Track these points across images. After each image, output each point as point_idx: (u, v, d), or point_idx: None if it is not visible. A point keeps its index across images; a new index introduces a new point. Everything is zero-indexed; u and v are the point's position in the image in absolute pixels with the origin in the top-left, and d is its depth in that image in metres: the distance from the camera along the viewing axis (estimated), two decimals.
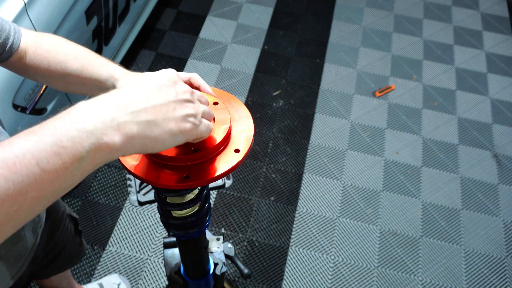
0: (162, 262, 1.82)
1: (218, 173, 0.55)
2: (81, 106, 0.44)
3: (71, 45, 0.74)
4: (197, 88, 0.66)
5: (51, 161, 0.39)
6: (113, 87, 0.67)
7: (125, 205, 1.97)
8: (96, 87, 0.70)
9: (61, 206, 1.17)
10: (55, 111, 1.60)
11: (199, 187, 0.70)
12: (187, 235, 0.78)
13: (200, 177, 0.55)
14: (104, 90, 0.70)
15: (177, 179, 0.54)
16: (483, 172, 2.26)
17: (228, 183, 0.97)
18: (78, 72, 0.69)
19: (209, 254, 1.01)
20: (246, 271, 1.15)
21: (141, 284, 1.76)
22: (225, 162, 0.57)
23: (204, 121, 0.53)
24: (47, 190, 0.40)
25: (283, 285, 1.82)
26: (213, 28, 2.80)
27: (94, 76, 0.68)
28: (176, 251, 1.06)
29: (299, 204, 2.06)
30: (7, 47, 0.72)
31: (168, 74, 0.52)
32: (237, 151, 0.58)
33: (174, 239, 1.05)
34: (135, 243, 1.86)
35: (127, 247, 1.85)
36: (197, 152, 0.55)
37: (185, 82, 0.66)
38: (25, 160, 0.38)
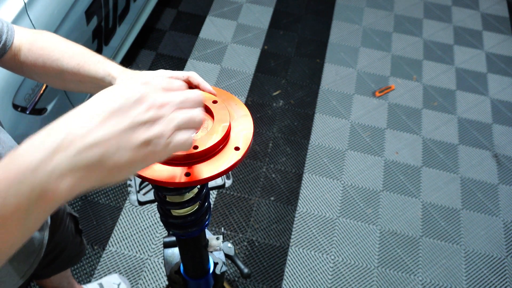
0: (162, 262, 1.82)
1: (218, 171, 0.55)
2: (22, 152, 0.38)
3: (67, 43, 0.73)
4: (196, 87, 0.66)
5: None
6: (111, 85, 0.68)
7: (125, 205, 1.97)
8: (93, 84, 0.70)
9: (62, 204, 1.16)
10: (55, 111, 1.61)
11: (199, 186, 0.70)
12: (187, 234, 0.78)
13: (200, 175, 0.55)
14: (101, 87, 0.71)
15: (177, 177, 0.54)
16: (483, 172, 2.26)
17: (228, 182, 0.97)
18: (75, 70, 0.69)
19: (209, 253, 1.01)
20: (246, 270, 1.15)
21: (141, 284, 1.76)
22: (225, 160, 0.57)
23: (179, 135, 0.43)
24: None
25: (283, 285, 1.82)
26: (213, 28, 2.80)
27: (91, 74, 0.68)
28: (176, 250, 1.06)
29: (299, 204, 2.06)
30: (0, 45, 0.72)
31: (133, 88, 0.42)
32: (237, 149, 0.58)
33: (174, 238, 1.05)
34: (135, 243, 1.86)
35: (127, 247, 1.85)
36: (197, 150, 0.55)
37: (184, 81, 0.66)
38: None
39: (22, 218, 0.38)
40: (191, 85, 0.67)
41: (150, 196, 1.00)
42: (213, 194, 2.05)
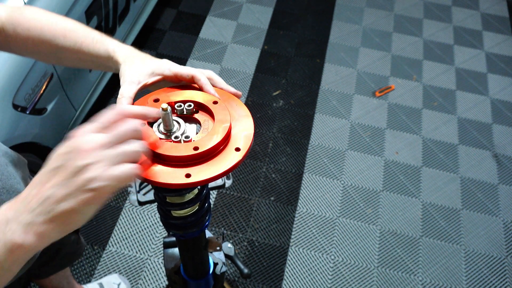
0: (162, 262, 1.82)
1: (218, 172, 0.55)
2: None
3: (52, 18, 0.70)
4: (200, 88, 0.65)
5: None
6: (116, 69, 0.67)
7: (125, 205, 1.97)
8: (94, 63, 0.69)
9: None
10: (55, 111, 1.60)
11: (199, 187, 0.70)
12: (187, 234, 0.78)
13: (201, 176, 0.55)
14: (104, 66, 0.69)
15: (178, 178, 0.54)
16: (483, 172, 2.26)
17: (228, 183, 0.97)
18: (72, 49, 0.67)
19: (209, 253, 1.01)
20: (246, 271, 1.15)
21: (141, 284, 1.76)
22: (226, 160, 0.57)
23: (115, 169, 0.46)
24: None
25: (283, 285, 1.82)
26: (213, 28, 2.80)
27: (92, 54, 0.66)
28: (176, 251, 1.06)
29: (299, 204, 2.06)
30: None
31: (67, 144, 0.47)
32: (237, 149, 0.58)
33: (174, 238, 1.05)
34: (135, 243, 1.86)
35: (127, 247, 1.85)
36: (198, 151, 0.55)
37: (188, 80, 0.66)
38: None
39: None
40: (194, 86, 0.67)
41: (150, 196, 1.00)
42: (213, 194, 2.05)
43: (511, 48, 2.91)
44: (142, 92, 0.65)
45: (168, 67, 0.65)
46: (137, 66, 0.64)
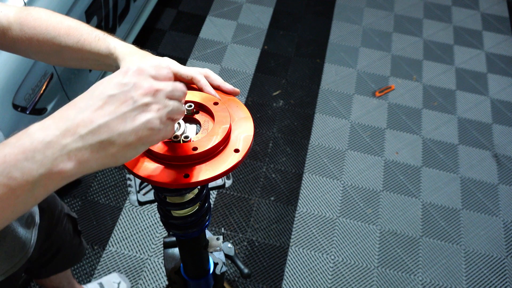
0: (162, 262, 1.82)
1: (217, 172, 0.55)
2: (32, 132, 0.42)
3: (58, 18, 0.71)
4: (200, 89, 0.65)
5: (1, 192, 0.39)
6: (116, 67, 0.67)
7: (125, 205, 1.97)
8: (96, 62, 0.69)
9: (59, 205, 1.16)
10: (55, 111, 1.61)
11: (199, 187, 0.70)
12: (187, 234, 0.79)
13: (200, 176, 0.55)
14: (105, 65, 0.69)
15: (177, 178, 0.55)
16: (483, 172, 2.26)
17: (228, 183, 0.97)
18: (75, 48, 0.68)
19: (209, 253, 1.01)
20: (246, 271, 1.15)
21: (141, 284, 1.76)
22: (225, 161, 0.57)
23: (169, 122, 0.47)
24: None
25: (283, 285, 1.82)
26: (213, 28, 2.80)
27: (93, 52, 0.67)
28: (176, 250, 1.06)
29: (299, 204, 2.06)
30: None
31: (127, 75, 0.46)
32: (236, 151, 0.58)
33: (174, 238, 1.05)
34: (135, 243, 1.87)
35: (127, 247, 1.85)
36: (197, 151, 0.55)
37: (187, 81, 0.66)
38: None
39: (28, 190, 0.41)
40: (193, 87, 0.67)
41: (150, 196, 1.00)
42: (213, 194, 2.05)
43: (511, 48, 2.91)
44: None
45: (168, 65, 0.65)
46: (139, 57, 0.65)
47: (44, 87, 1.46)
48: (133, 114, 0.44)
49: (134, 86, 0.45)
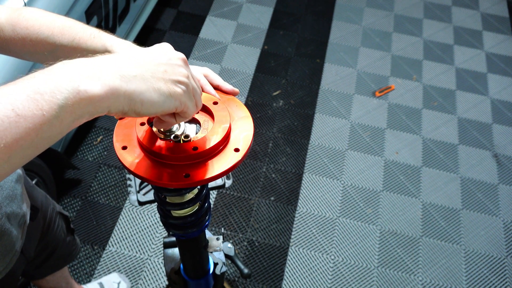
0: (162, 262, 1.82)
1: (217, 172, 0.55)
2: (67, 61, 0.43)
3: (51, 16, 0.70)
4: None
5: (27, 106, 0.38)
6: None
7: (125, 205, 1.97)
8: None
9: (51, 204, 1.16)
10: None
11: (199, 187, 0.70)
12: (187, 234, 0.78)
13: (200, 176, 0.55)
14: None
15: (177, 178, 0.54)
16: (483, 172, 2.26)
17: (228, 183, 0.97)
18: (69, 47, 0.67)
19: (209, 253, 1.01)
20: (246, 271, 1.15)
21: (141, 284, 1.76)
22: (225, 161, 0.57)
23: (192, 97, 0.52)
24: (24, 138, 0.38)
25: (283, 285, 1.82)
26: (213, 28, 2.80)
27: (89, 50, 0.66)
28: (176, 250, 1.06)
29: (299, 204, 2.06)
30: None
31: (164, 45, 0.52)
32: (236, 150, 0.58)
33: (174, 238, 1.05)
34: (135, 243, 1.86)
35: (127, 247, 1.85)
36: (197, 151, 0.55)
37: None
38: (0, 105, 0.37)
39: (54, 110, 0.39)
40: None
41: (150, 196, 1.00)
42: (213, 194, 2.05)
43: (511, 48, 2.91)
44: None
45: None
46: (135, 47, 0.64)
47: None
48: (165, 67, 0.49)
49: (171, 56, 0.51)
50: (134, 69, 0.45)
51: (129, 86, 0.44)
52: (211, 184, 0.92)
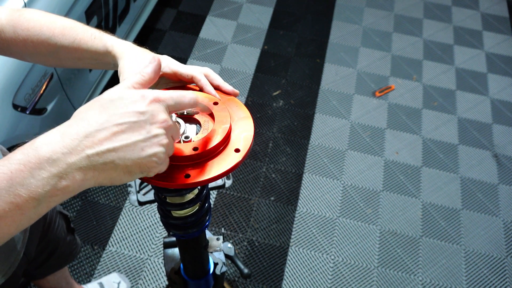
0: (162, 262, 1.82)
1: (218, 172, 0.55)
2: (38, 147, 0.42)
3: (51, 17, 0.70)
4: (200, 88, 0.65)
5: (7, 208, 0.40)
6: (114, 65, 0.66)
7: (125, 205, 1.97)
8: (93, 61, 0.68)
9: None
10: (55, 111, 1.60)
11: (199, 187, 0.70)
12: (187, 235, 0.78)
13: (200, 176, 0.55)
14: (102, 63, 0.69)
15: (178, 178, 0.54)
16: (483, 172, 2.26)
17: (228, 183, 0.97)
18: (71, 47, 0.67)
19: (209, 253, 1.01)
20: (246, 271, 1.15)
21: (141, 284, 1.76)
22: (225, 161, 0.57)
23: (165, 159, 0.49)
24: (2, 232, 0.41)
25: (283, 285, 1.82)
26: (213, 28, 2.80)
27: (90, 51, 0.66)
28: (176, 250, 1.06)
29: (299, 204, 2.06)
30: None
31: (145, 101, 0.46)
32: (237, 150, 0.58)
33: (174, 239, 1.05)
34: (135, 243, 1.86)
35: (127, 247, 1.85)
36: (197, 152, 0.55)
37: (187, 80, 0.65)
38: None
39: (33, 207, 0.42)
40: (191, 87, 0.66)
41: (150, 196, 1.00)
42: (213, 194, 2.05)
43: (511, 48, 2.91)
44: None
45: (168, 64, 0.65)
46: (136, 61, 0.63)
47: (44, 87, 1.46)
48: (143, 145, 0.45)
49: (151, 116, 0.45)
50: (109, 155, 0.43)
51: (100, 176, 0.44)
52: (211, 184, 0.92)
